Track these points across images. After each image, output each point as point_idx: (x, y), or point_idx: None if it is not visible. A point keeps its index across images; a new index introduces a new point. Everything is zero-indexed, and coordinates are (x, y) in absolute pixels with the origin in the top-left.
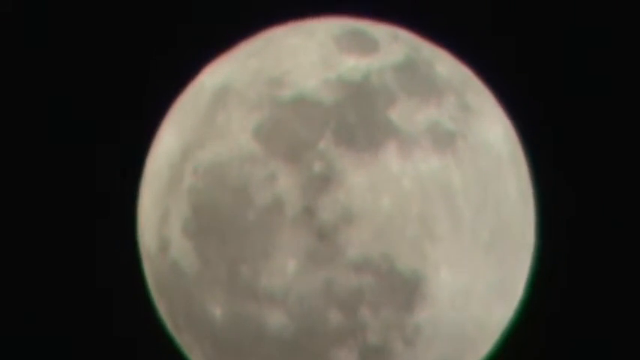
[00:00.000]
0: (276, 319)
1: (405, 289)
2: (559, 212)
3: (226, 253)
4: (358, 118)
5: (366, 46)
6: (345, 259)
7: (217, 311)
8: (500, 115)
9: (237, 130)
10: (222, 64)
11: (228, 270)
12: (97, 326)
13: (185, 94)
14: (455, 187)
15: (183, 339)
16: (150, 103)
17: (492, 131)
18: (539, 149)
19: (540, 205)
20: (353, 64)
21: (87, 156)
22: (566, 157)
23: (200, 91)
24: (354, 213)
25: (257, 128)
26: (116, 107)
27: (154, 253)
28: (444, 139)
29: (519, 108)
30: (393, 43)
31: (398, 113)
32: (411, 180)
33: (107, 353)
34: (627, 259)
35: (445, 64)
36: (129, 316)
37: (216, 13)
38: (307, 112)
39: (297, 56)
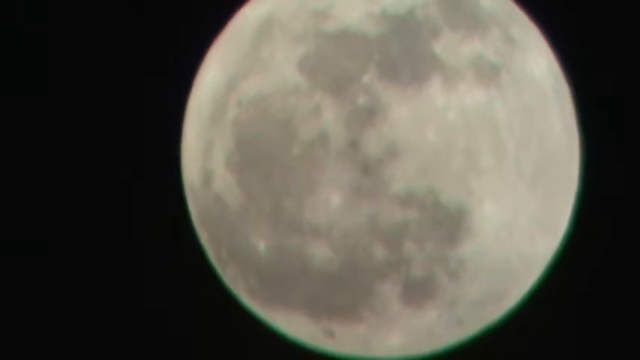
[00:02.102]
0: (320, 253)
1: (449, 223)
2: (603, 146)
3: (270, 187)
4: (402, 51)
5: None
6: (389, 193)
7: (262, 245)
8: (545, 49)
9: (281, 62)
10: None
11: (272, 204)
12: (141, 259)
13: (229, 26)
14: (499, 121)
15: (227, 272)
16: (194, 35)
17: (537, 65)
18: (583, 82)
19: (585, 139)
20: None
21: (133, 91)
22: (611, 90)
23: (244, 24)
24: (399, 147)
25: (301, 61)
26: (160, 41)
27: (197, 185)
28: (488, 73)
29: (563, 41)
30: None
31: (442, 47)
32: (455, 113)
33: (150, 287)
34: None
35: None
36: (172, 249)
37: None
38: (352, 45)
39: None
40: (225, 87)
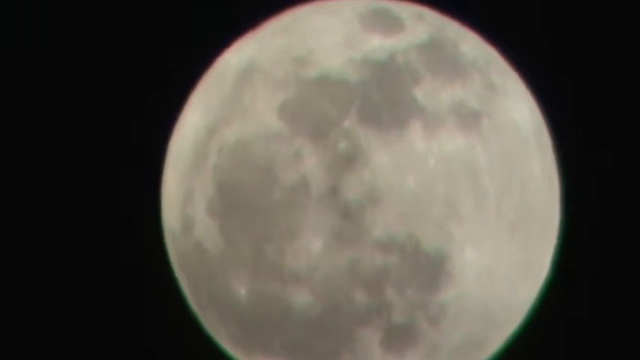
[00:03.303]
0: (301, 299)
1: (430, 269)
2: (584, 191)
3: (251, 233)
4: (383, 97)
5: (390, 25)
6: (370, 238)
7: (242, 291)
8: (525, 95)
9: (262, 108)
10: (248, 43)
11: (253, 249)
12: (120, 305)
13: (210, 72)
14: (480, 167)
15: (207, 318)
16: (174, 81)
17: (517, 110)
18: (563, 128)
19: (565, 184)
20: (378, 44)
21: (112, 136)
22: (591, 136)
23: (225, 70)
24: (380, 192)
25: (282, 107)
26: (140, 86)
27: (178, 232)
28: (469, 119)
29: (544, 87)
30: (418, 23)
31: (423, 92)
32: (436, 159)
33: (131, 332)
34: None
35: (470, 44)
36: (152, 296)
37: None
38: (332, 90)
39: (323, 35)
40: (205, 133)
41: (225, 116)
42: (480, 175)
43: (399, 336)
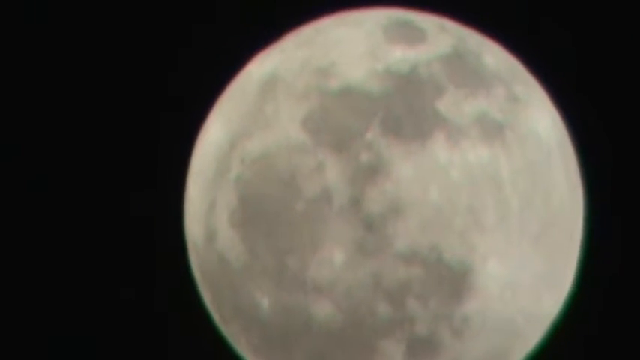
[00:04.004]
0: (323, 311)
1: (453, 281)
2: (608, 202)
3: (274, 244)
4: (406, 108)
5: (413, 36)
6: (393, 250)
7: (264, 302)
8: (548, 106)
9: (285, 120)
10: (271, 55)
11: (275, 261)
12: (142, 315)
13: (233, 84)
14: (503, 178)
15: (229, 329)
16: (197, 92)
17: (540, 122)
18: (587, 139)
19: (588, 195)
20: (401, 55)
21: (134, 146)
22: (615, 147)
23: (248, 82)
24: (402, 204)
25: (305, 118)
26: (163, 98)
27: (200, 243)
28: (492, 130)
29: (567, 98)
30: (441, 34)
31: (446, 104)
32: (459, 171)
33: (153, 342)
34: None
35: (493, 55)
36: (174, 306)
37: (264, 3)
38: (355, 102)
39: (345, 47)
40: (228, 144)
41: (247, 128)
42: (503, 187)
43: (421, 348)
